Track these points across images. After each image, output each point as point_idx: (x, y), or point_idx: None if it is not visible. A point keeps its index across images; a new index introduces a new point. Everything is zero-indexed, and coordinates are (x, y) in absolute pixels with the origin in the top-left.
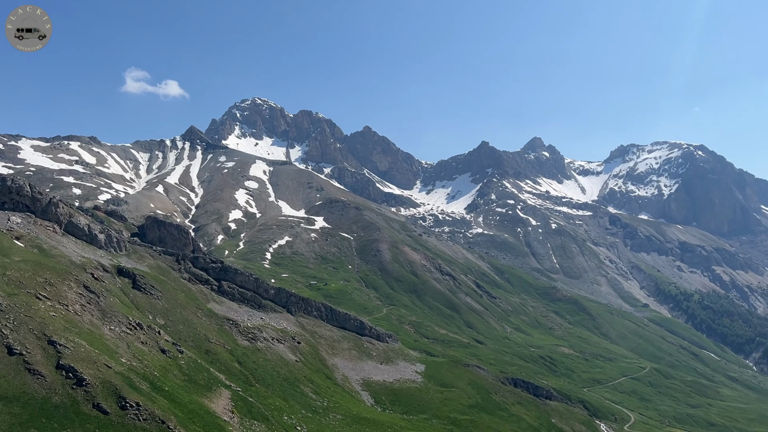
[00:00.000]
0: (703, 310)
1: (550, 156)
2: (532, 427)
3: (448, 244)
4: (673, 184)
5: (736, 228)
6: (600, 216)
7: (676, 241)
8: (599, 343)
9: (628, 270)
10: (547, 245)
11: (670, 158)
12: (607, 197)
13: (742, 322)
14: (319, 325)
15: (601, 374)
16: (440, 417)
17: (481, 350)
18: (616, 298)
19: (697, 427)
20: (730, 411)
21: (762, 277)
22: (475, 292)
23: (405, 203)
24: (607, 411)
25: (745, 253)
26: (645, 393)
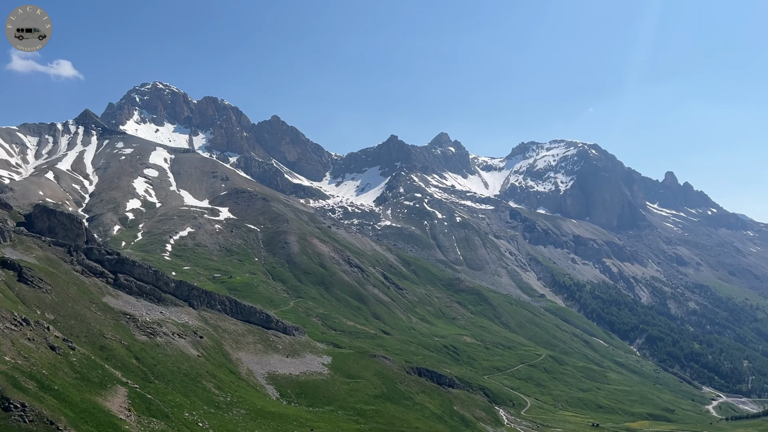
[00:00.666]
0: (594, 300)
1: (455, 151)
2: (435, 414)
3: (357, 237)
4: (568, 180)
5: (624, 223)
6: (501, 210)
7: (570, 235)
8: (499, 331)
9: (526, 262)
10: (452, 238)
11: (566, 156)
12: (509, 192)
13: (628, 311)
14: (223, 319)
15: (501, 362)
16: (346, 408)
17: (388, 341)
18: (515, 288)
19: (587, 409)
20: (617, 394)
21: (646, 268)
22: (382, 283)
23: (314, 195)
24: (505, 397)
25: (632, 247)
26: (541, 379)
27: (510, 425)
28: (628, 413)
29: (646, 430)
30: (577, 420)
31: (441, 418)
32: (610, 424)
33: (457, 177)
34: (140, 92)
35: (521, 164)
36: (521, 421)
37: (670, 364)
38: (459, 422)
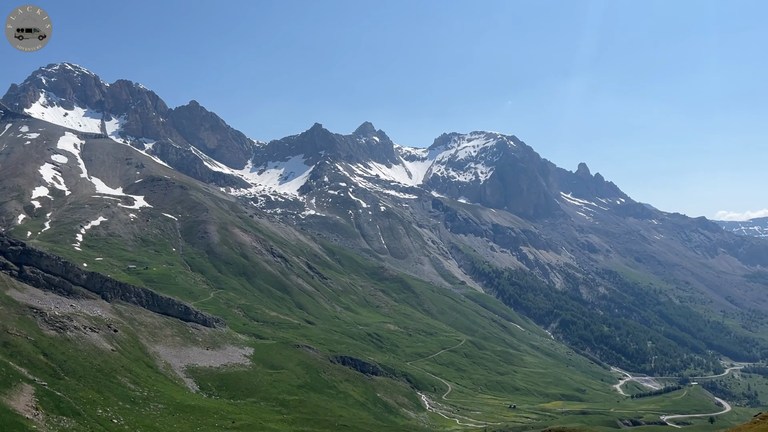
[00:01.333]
0: (511, 286)
1: (380, 141)
2: (358, 402)
3: (280, 226)
4: (488, 171)
5: (540, 212)
6: (424, 200)
7: (490, 224)
8: (422, 318)
9: (448, 250)
10: (376, 227)
11: (486, 147)
12: (431, 182)
13: (543, 297)
14: (139, 312)
15: (423, 348)
16: (269, 399)
17: (312, 330)
18: (437, 276)
19: (504, 392)
20: (532, 376)
21: (560, 255)
22: (306, 273)
23: (235, 183)
24: (427, 382)
25: (547, 235)
26: (461, 364)
27: (431, 410)
28: (543, 394)
29: (559, 409)
30: (495, 402)
31: (364, 406)
32: (526, 406)
33: (382, 167)
34: (47, 73)
35: (443, 155)
36: (442, 406)
37: (581, 347)
38: (382, 409)
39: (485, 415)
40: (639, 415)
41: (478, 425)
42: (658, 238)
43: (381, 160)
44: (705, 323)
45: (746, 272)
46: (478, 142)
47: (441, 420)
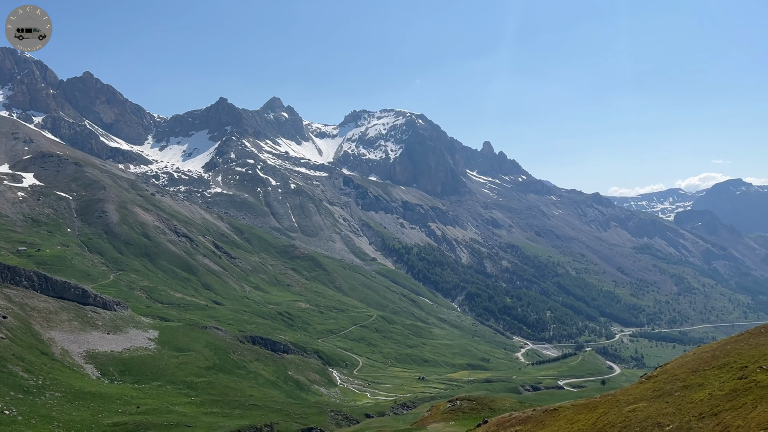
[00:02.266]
0: (420, 262)
1: (289, 117)
2: (269, 381)
3: (184, 205)
4: (398, 148)
5: (447, 189)
6: (335, 177)
7: (399, 201)
8: (333, 296)
9: (359, 227)
10: (286, 205)
11: (395, 125)
12: (342, 159)
13: (450, 271)
14: (31, 296)
15: (335, 325)
16: (176, 382)
17: (220, 311)
18: (348, 253)
19: (414, 364)
20: (440, 348)
21: (466, 231)
22: (213, 253)
23: (135, 160)
24: (339, 358)
25: (454, 211)
26: (372, 338)
27: (343, 385)
28: (450, 365)
29: (466, 379)
30: (405, 375)
31: (275, 385)
32: (435, 377)
33: (291, 143)
34: None
35: (354, 132)
36: (353, 380)
37: (486, 318)
38: (294, 387)
39: (395, 388)
40: (539, 381)
41: (388, 398)
42: (557, 214)
43: (290, 137)
44: (598, 293)
45: (635, 244)
46: (388, 119)
47: (352, 394)
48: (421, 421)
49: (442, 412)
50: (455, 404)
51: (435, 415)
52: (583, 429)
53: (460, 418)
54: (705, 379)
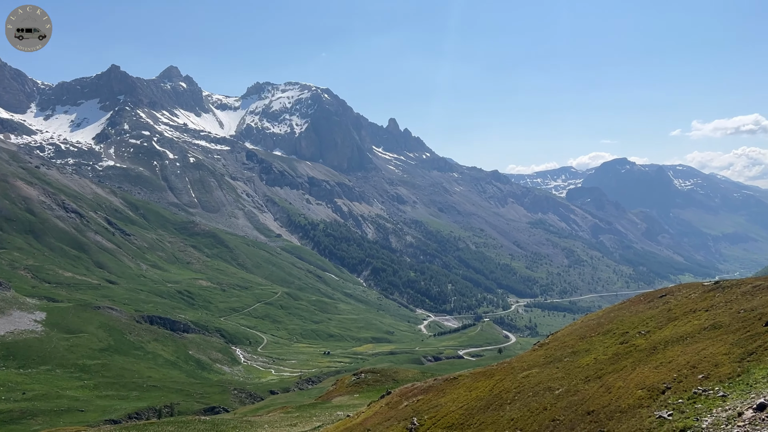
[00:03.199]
0: (326, 238)
1: (187, 87)
2: (169, 361)
3: (73, 178)
4: (303, 123)
5: (354, 165)
6: (238, 151)
7: (305, 176)
8: (236, 273)
9: (263, 203)
10: (185, 179)
11: (301, 99)
12: (245, 133)
13: (356, 246)
14: None
15: (238, 303)
16: (66, 366)
17: (114, 290)
18: (252, 230)
19: (319, 339)
20: (346, 322)
21: (372, 207)
22: (106, 229)
23: (16, 129)
24: (242, 336)
25: (360, 187)
26: (277, 315)
27: (247, 363)
28: (356, 339)
29: (370, 352)
30: (311, 350)
31: (175, 365)
32: (340, 351)
33: (190, 115)
34: None
35: (257, 105)
36: (258, 358)
37: (390, 292)
38: (195, 366)
39: (301, 363)
40: (440, 351)
41: (293, 373)
42: (458, 190)
43: (189, 108)
44: (496, 266)
45: (530, 219)
46: (293, 93)
47: (257, 372)
48: (326, 395)
49: (347, 385)
50: (360, 377)
51: (340, 389)
52: (481, 396)
53: (364, 391)
54: (591, 345)
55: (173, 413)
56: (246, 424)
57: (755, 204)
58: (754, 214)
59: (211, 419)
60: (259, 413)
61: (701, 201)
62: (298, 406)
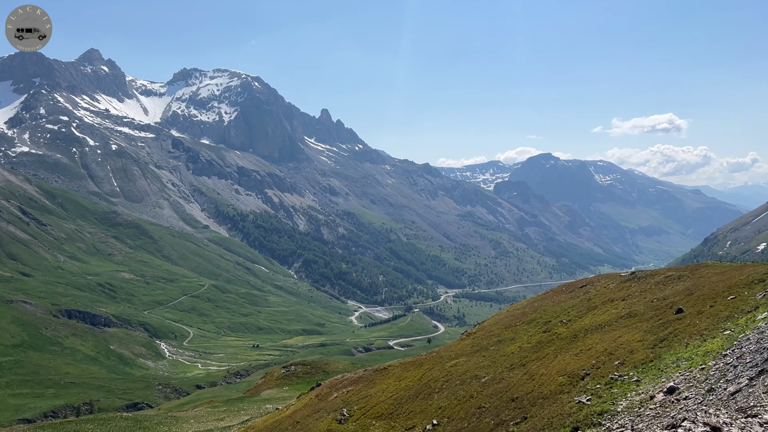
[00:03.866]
0: (256, 229)
1: (110, 71)
2: (89, 357)
3: None
4: (232, 111)
5: (285, 155)
6: (163, 139)
7: (234, 166)
8: (161, 265)
9: (190, 193)
10: (106, 167)
11: (230, 86)
12: (171, 120)
13: (287, 238)
14: None
15: (163, 296)
16: None
17: (29, 283)
18: (178, 220)
19: (248, 332)
20: (276, 315)
21: (304, 198)
22: (20, 219)
23: None
24: (167, 330)
25: (292, 178)
26: (204, 308)
27: (172, 357)
28: (286, 331)
29: (301, 344)
30: (239, 344)
31: (96, 360)
32: (270, 344)
33: (112, 100)
34: None
35: (184, 91)
36: (183, 352)
37: (322, 284)
38: (116, 361)
39: (228, 357)
40: (371, 342)
41: (221, 367)
42: (390, 182)
43: (111, 93)
44: (426, 257)
45: (459, 212)
46: (222, 80)
47: (182, 366)
48: (255, 388)
49: (277, 378)
50: (289, 369)
51: (269, 382)
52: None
53: (294, 383)
54: (516, 333)
55: (93, 410)
56: (171, 420)
57: (668, 199)
58: (668, 209)
59: (134, 416)
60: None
61: (620, 196)
62: (226, 401)
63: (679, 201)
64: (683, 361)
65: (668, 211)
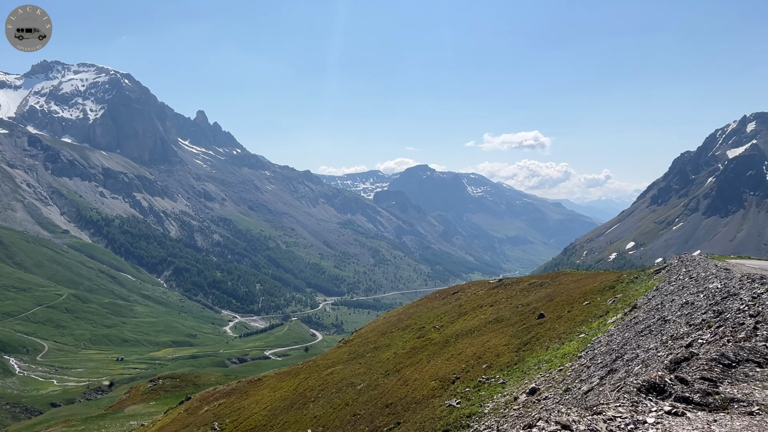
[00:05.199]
0: (123, 235)
1: None
2: None
3: None
4: (99, 109)
5: (156, 157)
6: (18, 135)
7: (100, 167)
8: (12, 273)
9: (48, 195)
10: None
11: (97, 82)
12: (27, 115)
13: (157, 245)
14: None
15: (14, 306)
16: None
17: None
18: (33, 224)
19: (112, 345)
20: (143, 326)
21: (176, 203)
22: None
23: None
24: (18, 344)
25: (163, 181)
26: (61, 320)
27: (23, 373)
28: (154, 343)
29: (170, 356)
30: (101, 357)
31: None
32: (135, 357)
33: None
34: None
35: (43, 85)
36: (37, 368)
37: (194, 293)
38: None
39: (89, 372)
40: (246, 353)
41: (80, 383)
42: (270, 188)
43: None
44: (306, 265)
45: (340, 220)
46: (88, 75)
47: (35, 383)
48: (118, 404)
49: (142, 392)
50: (157, 383)
51: (134, 397)
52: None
53: (162, 398)
54: (392, 340)
55: None
56: None
57: (533, 211)
58: (532, 220)
59: None
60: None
61: (490, 207)
62: (84, 419)
63: (542, 213)
64: (544, 363)
65: (533, 223)
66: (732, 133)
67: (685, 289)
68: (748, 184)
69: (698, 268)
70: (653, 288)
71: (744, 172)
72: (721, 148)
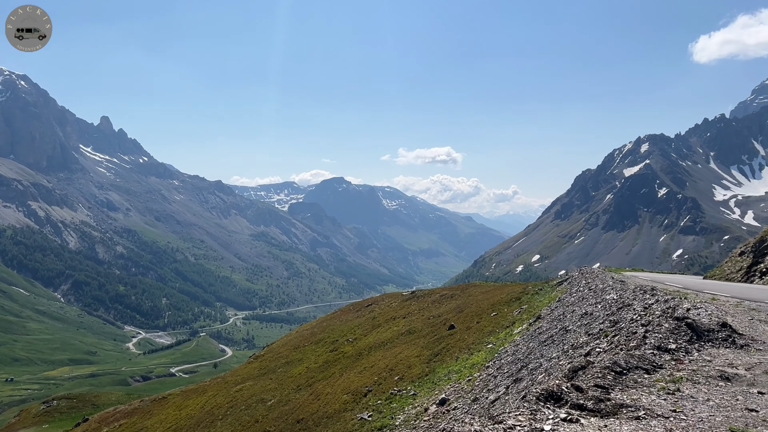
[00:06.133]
0: (15, 246)
1: None
2: None
3: None
4: None
5: (55, 164)
6: None
7: None
8: None
9: None
10: None
11: None
12: None
13: (54, 257)
14: None
15: None
16: None
17: None
18: None
19: (0, 365)
20: (36, 344)
21: (76, 213)
22: None
23: None
24: None
25: (62, 190)
26: None
27: None
28: (49, 362)
29: (67, 375)
30: None
31: None
32: (27, 377)
33: None
34: None
35: None
36: None
37: (95, 308)
38: None
39: None
40: (150, 370)
41: None
42: (179, 199)
43: None
44: (216, 278)
45: (252, 232)
46: None
47: None
48: (7, 428)
49: (35, 415)
50: (51, 405)
51: (25, 420)
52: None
53: (56, 420)
54: (304, 354)
55: None
56: None
57: (445, 224)
58: (445, 233)
59: None
60: None
61: (404, 220)
62: None
63: (454, 226)
64: (454, 374)
65: (445, 236)
66: (628, 153)
67: (584, 300)
68: (642, 201)
69: (597, 280)
70: (556, 299)
71: (639, 190)
72: (619, 166)
